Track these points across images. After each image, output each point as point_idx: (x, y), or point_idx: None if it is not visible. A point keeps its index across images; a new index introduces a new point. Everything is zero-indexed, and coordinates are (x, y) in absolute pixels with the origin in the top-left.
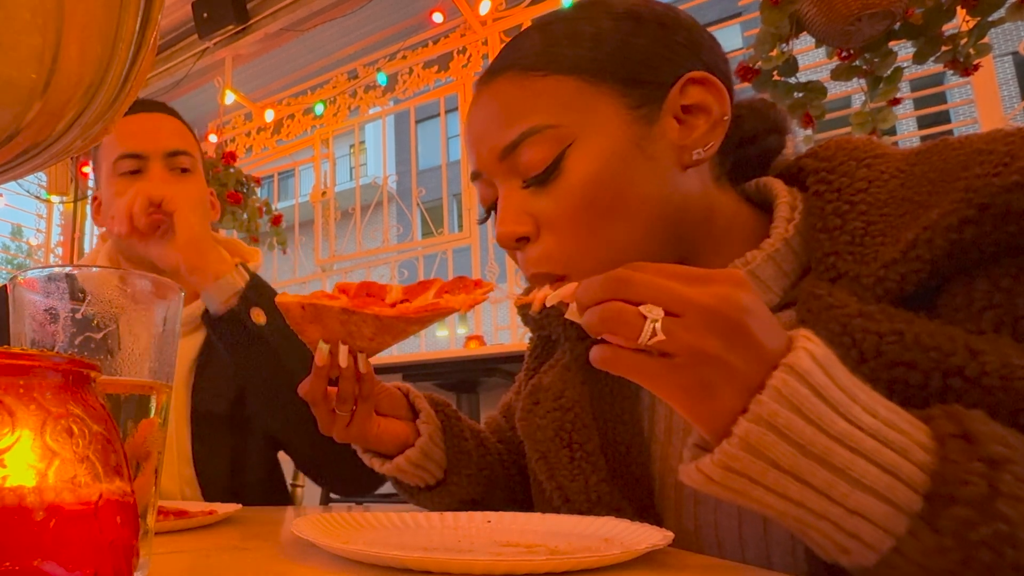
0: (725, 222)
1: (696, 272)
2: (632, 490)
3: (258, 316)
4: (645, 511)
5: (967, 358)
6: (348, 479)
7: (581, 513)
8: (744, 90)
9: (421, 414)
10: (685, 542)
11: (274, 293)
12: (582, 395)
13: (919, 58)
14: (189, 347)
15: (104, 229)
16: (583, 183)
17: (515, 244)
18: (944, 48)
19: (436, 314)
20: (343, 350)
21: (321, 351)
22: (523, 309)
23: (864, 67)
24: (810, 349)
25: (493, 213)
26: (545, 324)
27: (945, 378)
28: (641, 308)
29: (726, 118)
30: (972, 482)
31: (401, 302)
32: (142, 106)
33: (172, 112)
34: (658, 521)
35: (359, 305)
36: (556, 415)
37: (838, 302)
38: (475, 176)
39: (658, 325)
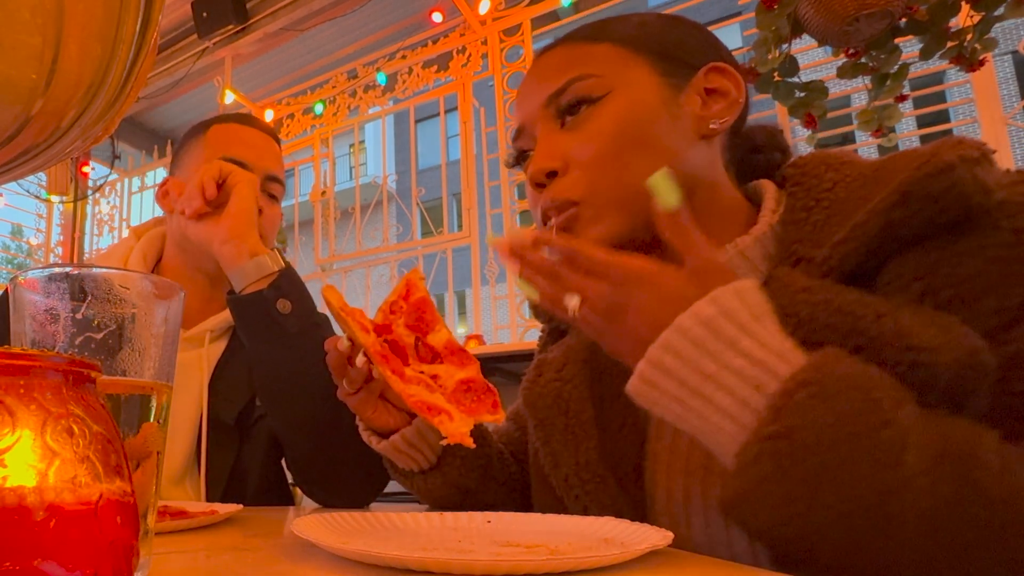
0: (726, 205)
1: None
2: (619, 461)
3: (284, 306)
4: (626, 480)
5: (872, 320)
6: (340, 489)
7: (567, 478)
8: None
9: None
10: (675, 512)
11: (303, 286)
12: (582, 371)
13: (925, 54)
14: (211, 354)
15: (140, 223)
16: (613, 123)
17: (544, 179)
18: (950, 44)
19: (424, 419)
20: (360, 357)
21: (343, 342)
22: (532, 301)
23: (870, 64)
24: (697, 310)
25: (523, 170)
26: (555, 316)
27: (855, 337)
28: (564, 297)
29: (741, 100)
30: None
31: (434, 355)
32: (259, 124)
33: (277, 138)
34: (638, 490)
35: (376, 358)
36: (556, 385)
37: (790, 281)
38: (517, 134)
39: (572, 309)
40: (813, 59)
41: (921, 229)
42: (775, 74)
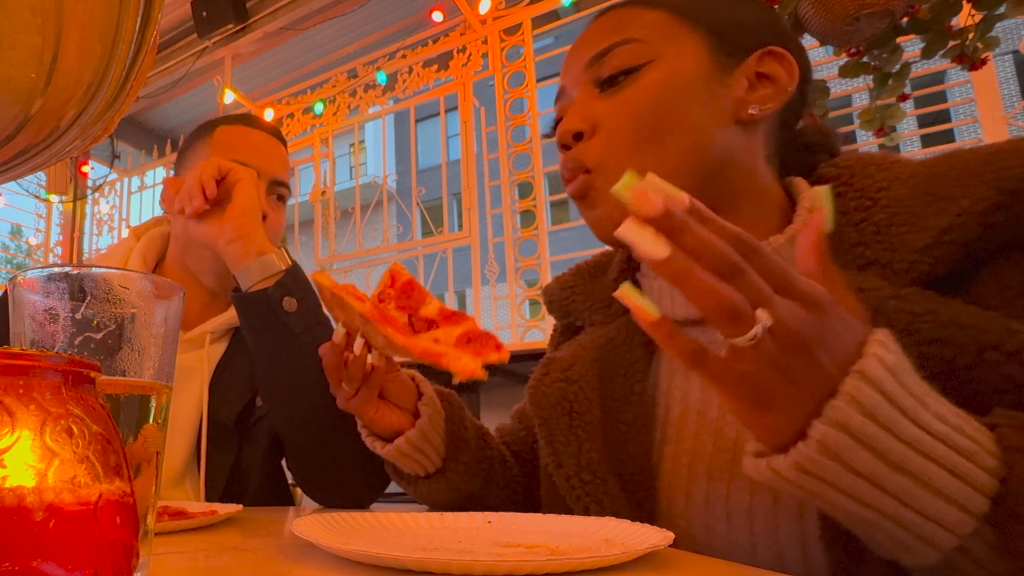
0: (761, 197)
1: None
2: (623, 463)
3: (289, 305)
4: (633, 482)
5: (1004, 335)
6: (341, 489)
7: (568, 479)
8: None
9: (424, 397)
10: (693, 515)
11: (309, 284)
12: (590, 371)
13: (927, 53)
14: (212, 355)
15: (140, 223)
16: (649, 93)
17: (571, 140)
18: (952, 43)
19: (434, 365)
20: (359, 341)
21: (338, 331)
22: (548, 297)
23: (872, 63)
24: (881, 355)
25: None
26: (570, 311)
27: (980, 353)
28: (757, 312)
29: (790, 89)
30: None
31: (429, 323)
32: (265, 127)
33: (284, 141)
34: (647, 493)
35: (376, 318)
36: (561, 385)
37: (870, 286)
38: (559, 95)
39: (761, 329)
40: (814, 59)
41: (1021, 232)
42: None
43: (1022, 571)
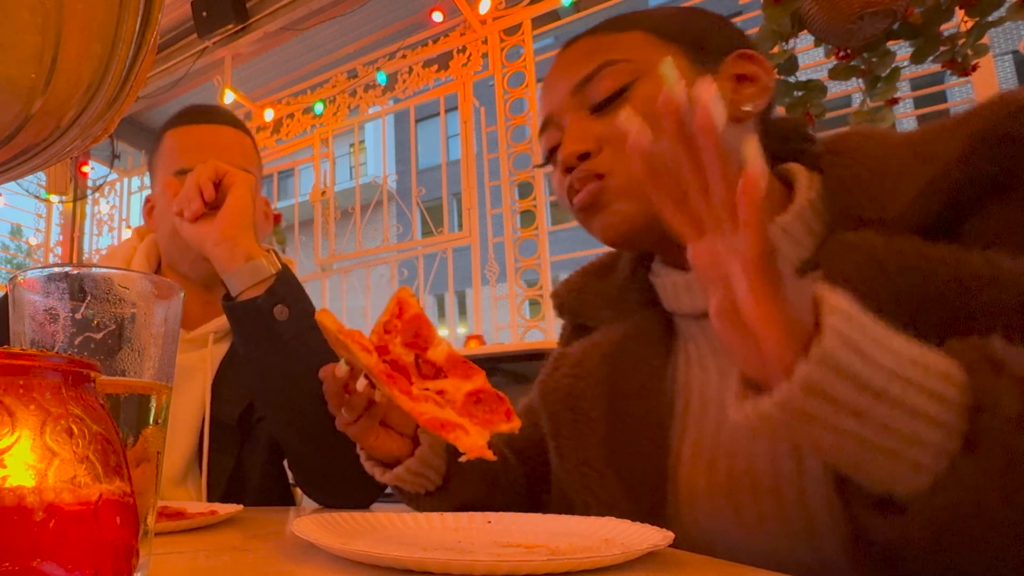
0: None
1: None
2: (629, 459)
3: (281, 313)
4: (641, 478)
5: (983, 263)
6: (341, 491)
7: (568, 471)
8: None
9: None
10: (716, 494)
11: (300, 288)
12: (599, 368)
13: (917, 58)
14: (214, 355)
15: (142, 223)
16: (645, 108)
17: (577, 162)
18: (942, 48)
19: (440, 436)
20: (362, 380)
21: (340, 367)
22: (557, 300)
23: (862, 66)
24: (838, 296)
25: (552, 166)
26: (581, 312)
27: (962, 281)
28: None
29: (771, 85)
30: (1004, 398)
31: (437, 370)
32: (206, 116)
33: (237, 124)
34: (656, 489)
35: (382, 378)
36: (569, 380)
37: (863, 240)
38: (545, 124)
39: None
40: (814, 59)
41: (1004, 177)
42: (775, 72)
43: (1007, 471)
